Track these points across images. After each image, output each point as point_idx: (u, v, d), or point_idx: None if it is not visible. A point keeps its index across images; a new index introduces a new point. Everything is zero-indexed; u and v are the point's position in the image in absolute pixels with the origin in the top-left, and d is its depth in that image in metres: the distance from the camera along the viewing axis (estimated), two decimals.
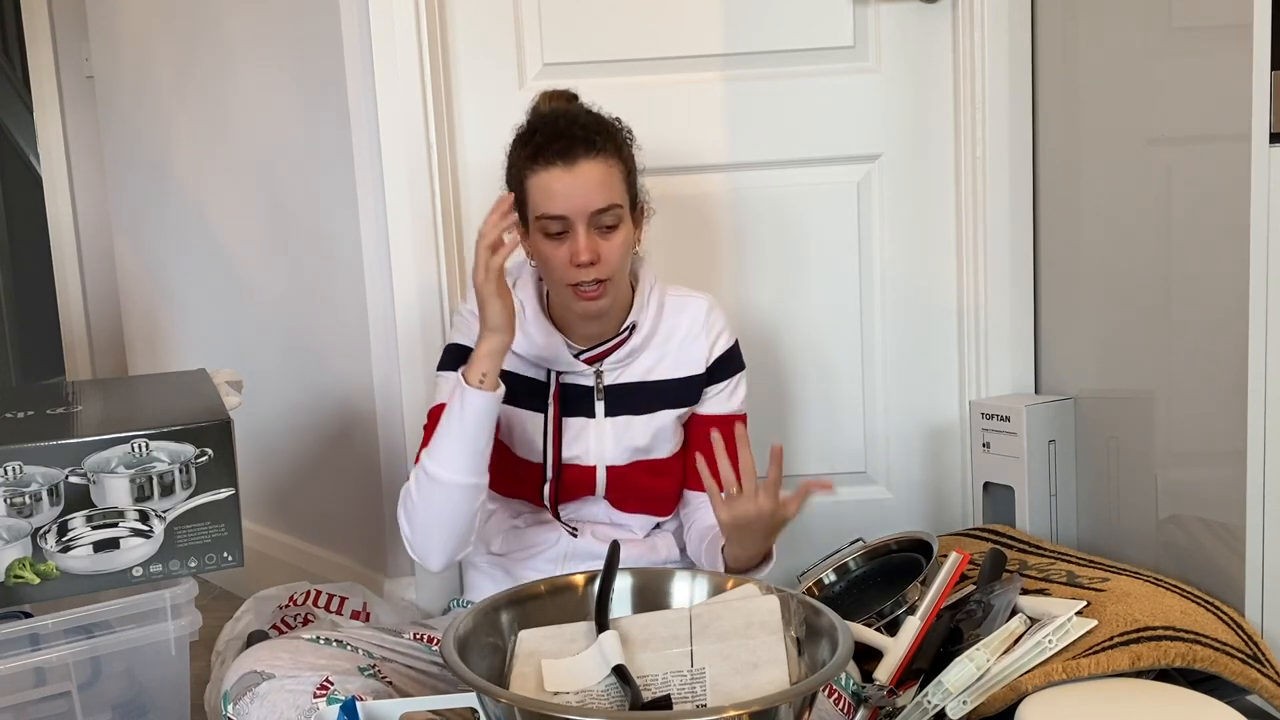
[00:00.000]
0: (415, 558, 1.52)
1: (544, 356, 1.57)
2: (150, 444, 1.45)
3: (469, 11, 2.01)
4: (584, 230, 1.47)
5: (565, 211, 1.46)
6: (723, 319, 1.65)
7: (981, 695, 1.38)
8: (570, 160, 1.46)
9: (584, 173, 1.46)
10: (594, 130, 1.49)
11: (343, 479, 2.21)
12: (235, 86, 2.28)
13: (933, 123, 2.04)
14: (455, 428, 1.45)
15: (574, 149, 1.46)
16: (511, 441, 1.62)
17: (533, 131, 1.51)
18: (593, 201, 1.46)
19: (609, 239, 1.49)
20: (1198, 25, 1.59)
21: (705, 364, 1.63)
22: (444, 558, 1.50)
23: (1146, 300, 1.74)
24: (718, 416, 1.65)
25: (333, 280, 2.14)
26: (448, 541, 1.49)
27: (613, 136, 1.51)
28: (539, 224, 1.49)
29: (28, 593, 1.43)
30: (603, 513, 1.66)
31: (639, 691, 1.19)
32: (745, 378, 1.68)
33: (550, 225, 1.48)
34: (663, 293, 1.63)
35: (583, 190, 1.46)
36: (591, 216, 1.47)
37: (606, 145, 1.49)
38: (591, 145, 1.47)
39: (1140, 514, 1.78)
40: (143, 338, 2.76)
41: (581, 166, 1.46)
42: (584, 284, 1.49)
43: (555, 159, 1.46)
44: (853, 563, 1.85)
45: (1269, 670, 1.44)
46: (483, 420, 1.45)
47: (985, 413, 2.00)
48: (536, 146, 1.48)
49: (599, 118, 1.52)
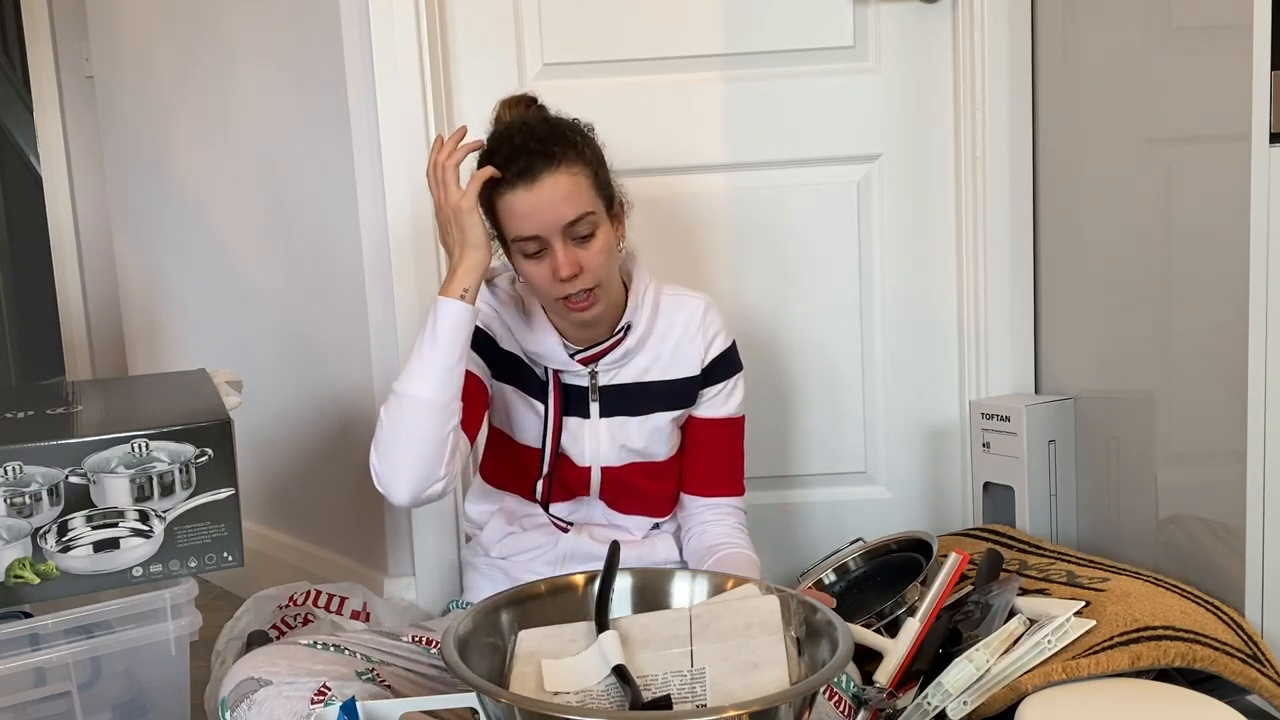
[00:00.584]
0: (382, 490, 1.47)
1: (540, 354, 1.57)
2: (150, 444, 1.45)
3: (469, 11, 2.01)
4: (560, 245, 1.44)
5: (537, 231, 1.44)
6: (719, 319, 1.63)
7: (981, 696, 1.38)
8: (532, 178, 1.43)
9: (548, 188, 1.43)
10: (551, 141, 1.45)
11: (343, 479, 2.21)
12: (235, 86, 2.28)
13: (933, 123, 2.04)
14: (428, 342, 1.43)
15: (534, 166, 1.43)
16: (511, 426, 1.61)
17: (491, 152, 1.48)
18: (563, 215, 1.44)
19: (587, 247, 1.46)
20: (1198, 25, 1.59)
21: (701, 365, 1.61)
22: (410, 488, 1.44)
23: (1146, 300, 1.74)
24: (715, 419, 1.64)
25: (333, 280, 2.14)
26: (415, 467, 1.43)
27: (572, 143, 1.47)
28: (516, 245, 1.47)
29: (28, 593, 1.43)
30: (599, 514, 1.66)
31: (639, 691, 1.19)
32: (744, 379, 1.66)
33: (527, 246, 1.46)
34: (658, 292, 1.61)
35: (550, 206, 1.43)
36: (565, 229, 1.44)
37: (567, 154, 1.45)
38: (551, 158, 1.43)
39: (1140, 514, 1.78)
40: (143, 338, 2.76)
41: (544, 182, 1.43)
42: (573, 295, 1.47)
43: (517, 180, 1.43)
44: (853, 563, 1.85)
45: (1269, 670, 1.44)
46: (458, 333, 1.43)
47: (985, 413, 2.00)
48: (497, 168, 1.45)
49: (555, 125, 1.49)
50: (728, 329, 1.65)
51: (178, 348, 2.61)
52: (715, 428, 1.64)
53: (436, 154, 1.48)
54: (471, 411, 1.53)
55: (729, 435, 1.66)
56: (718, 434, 1.65)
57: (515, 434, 1.61)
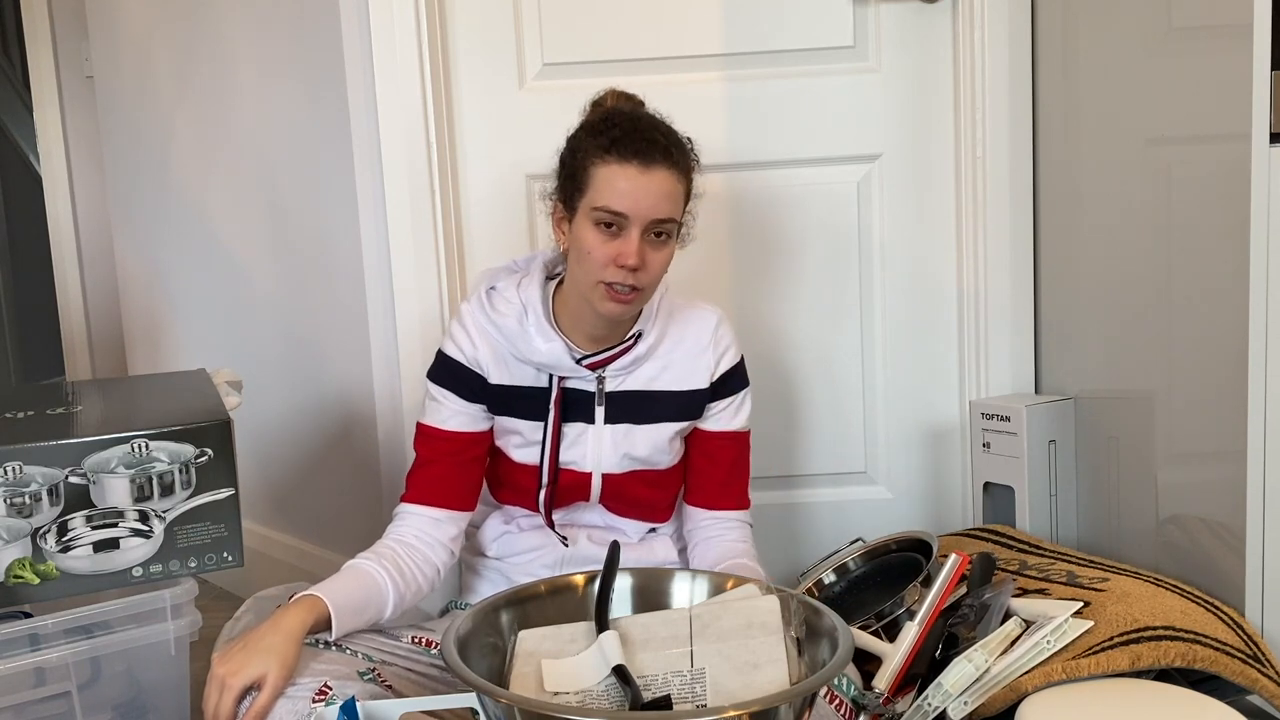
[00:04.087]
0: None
1: (545, 363, 1.55)
2: (150, 444, 1.45)
3: (469, 11, 2.01)
4: (639, 234, 1.44)
5: (628, 210, 1.44)
6: (730, 334, 1.63)
7: (982, 695, 1.38)
8: (647, 162, 1.44)
9: (657, 179, 1.44)
10: (672, 142, 1.48)
11: (343, 479, 2.21)
12: (235, 86, 2.28)
13: (933, 123, 2.04)
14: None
15: (652, 153, 1.44)
16: (509, 449, 1.61)
17: (610, 124, 1.48)
18: (658, 209, 1.45)
19: (658, 250, 1.47)
20: (1198, 25, 1.59)
21: (710, 379, 1.61)
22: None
23: (1146, 300, 1.74)
24: (723, 433, 1.64)
25: (333, 280, 2.14)
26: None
27: (686, 154, 1.50)
28: (594, 213, 1.45)
29: (28, 593, 1.43)
30: (598, 518, 1.65)
31: (639, 691, 1.19)
32: (750, 395, 1.66)
33: (606, 219, 1.45)
34: (671, 302, 1.61)
35: (651, 195, 1.44)
36: (650, 224, 1.45)
37: (681, 160, 1.48)
38: (669, 155, 1.46)
39: (1140, 514, 1.78)
40: (143, 338, 2.76)
41: (656, 172, 1.44)
42: (619, 285, 1.46)
43: (632, 157, 1.44)
44: (852, 563, 1.85)
45: (1269, 670, 1.44)
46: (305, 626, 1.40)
47: (985, 413, 2.00)
48: (613, 139, 1.45)
49: (676, 133, 1.51)
50: (738, 344, 1.65)
51: (178, 348, 2.61)
52: (722, 441, 1.64)
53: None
54: (467, 484, 1.59)
55: (736, 449, 1.66)
56: (725, 448, 1.65)
57: (513, 455, 1.61)
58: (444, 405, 1.58)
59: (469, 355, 1.57)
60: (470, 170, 2.04)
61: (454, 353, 1.58)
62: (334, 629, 1.41)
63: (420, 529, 1.55)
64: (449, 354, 1.58)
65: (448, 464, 1.58)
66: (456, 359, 1.57)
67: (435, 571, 1.55)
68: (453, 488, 1.57)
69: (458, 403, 1.58)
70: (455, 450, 1.58)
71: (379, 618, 1.49)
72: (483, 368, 1.57)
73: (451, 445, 1.58)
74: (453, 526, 1.57)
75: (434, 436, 1.58)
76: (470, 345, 1.57)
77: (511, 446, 1.61)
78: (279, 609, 1.42)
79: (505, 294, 1.57)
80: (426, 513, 1.56)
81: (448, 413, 1.58)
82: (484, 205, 2.04)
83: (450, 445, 1.58)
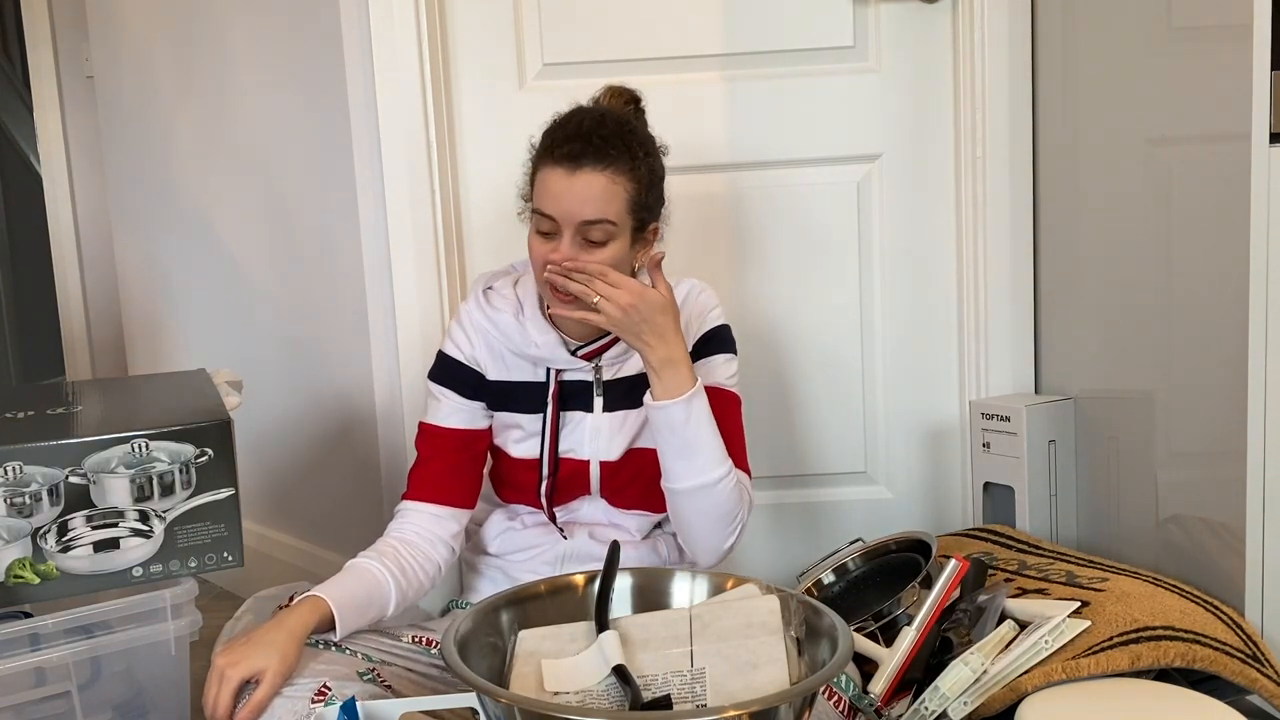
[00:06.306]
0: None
1: (542, 356, 1.57)
2: (150, 444, 1.45)
3: (469, 11, 2.01)
4: (569, 237, 1.45)
5: (554, 214, 1.45)
6: (712, 297, 1.64)
7: (981, 696, 1.38)
8: (575, 164, 1.44)
9: (582, 180, 1.44)
10: (612, 141, 1.45)
11: (343, 479, 2.21)
12: (235, 86, 2.28)
13: (933, 122, 2.04)
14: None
15: (582, 155, 1.44)
16: (509, 445, 1.62)
17: (556, 126, 1.49)
18: (583, 212, 1.44)
19: (592, 253, 1.46)
20: (1198, 25, 1.59)
21: (692, 341, 1.60)
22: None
23: (1146, 300, 1.74)
24: (705, 387, 1.57)
25: (333, 280, 2.14)
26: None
27: (630, 152, 1.46)
28: (534, 216, 1.49)
29: (28, 593, 1.43)
30: (600, 513, 1.65)
31: (639, 691, 1.19)
32: (736, 362, 1.64)
33: (541, 222, 1.47)
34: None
35: (577, 197, 1.44)
36: (579, 226, 1.45)
37: (619, 160, 1.45)
38: (602, 156, 1.44)
39: (1140, 514, 1.78)
40: (143, 338, 2.76)
41: (583, 175, 1.44)
42: (557, 285, 1.47)
43: (561, 160, 1.44)
44: (852, 563, 1.85)
45: (1269, 670, 1.44)
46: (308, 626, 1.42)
47: (985, 413, 2.00)
48: (552, 141, 1.47)
49: (624, 130, 1.48)
50: (721, 308, 1.64)
51: (178, 348, 2.61)
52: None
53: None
54: (467, 481, 1.60)
55: (719, 405, 1.57)
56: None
57: (513, 451, 1.62)
58: (444, 403, 1.60)
59: (467, 354, 1.59)
60: (470, 170, 2.04)
61: (452, 352, 1.60)
62: (337, 629, 1.42)
63: (421, 525, 1.56)
64: (448, 353, 1.61)
65: (448, 461, 1.59)
66: (455, 357, 1.60)
67: (436, 568, 1.56)
68: (453, 484, 1.59)
69: (457, 400, 1.59)
70: (455, 447, 1.59)
71: (381, 616, 1.50)
72: (480, 365, 1.60)
73: (451, 442, 1.59)
74: (453, 523, 1.58)
75: (434, 434, 1.60)
76: (468, 344, 1.59)
77: (511, 442, 1.61)
78: (281, 609, 1.42)
79: (502, 291, 1.60)
80: (427, 509, 1.57)
81: (447, 410, 1.60)
82: (484, 205, 2.04)
83: (450, 442, 1.59)
